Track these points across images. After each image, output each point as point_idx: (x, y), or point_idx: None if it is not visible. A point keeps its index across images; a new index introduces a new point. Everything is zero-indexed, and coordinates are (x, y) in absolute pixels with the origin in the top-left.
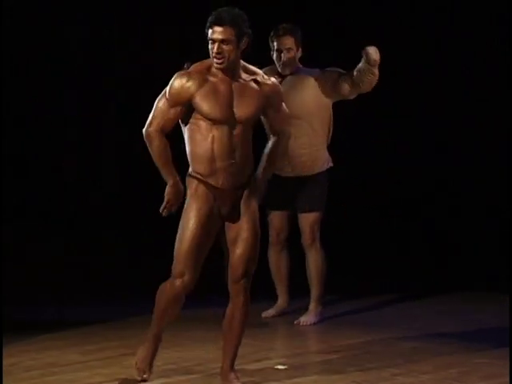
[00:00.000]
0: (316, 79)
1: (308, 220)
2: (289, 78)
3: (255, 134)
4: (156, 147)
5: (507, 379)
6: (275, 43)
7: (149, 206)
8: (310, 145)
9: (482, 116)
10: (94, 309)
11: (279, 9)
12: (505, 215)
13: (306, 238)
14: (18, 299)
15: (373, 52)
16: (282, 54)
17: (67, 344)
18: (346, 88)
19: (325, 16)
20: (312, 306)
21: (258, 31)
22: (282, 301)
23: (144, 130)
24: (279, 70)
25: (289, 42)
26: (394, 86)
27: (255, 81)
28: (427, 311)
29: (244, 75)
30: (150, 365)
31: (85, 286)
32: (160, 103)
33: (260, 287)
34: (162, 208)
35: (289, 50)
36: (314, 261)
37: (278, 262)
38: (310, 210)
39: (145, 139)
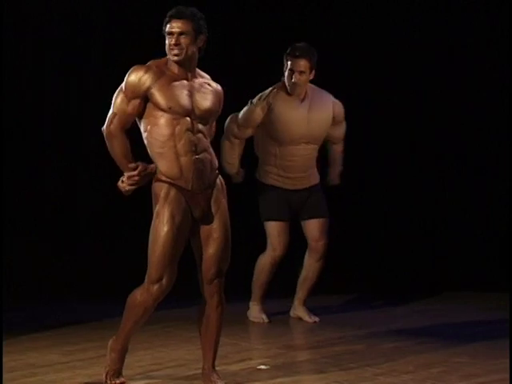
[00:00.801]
0: (332, 107)
1: (321, 225)
2: (311, 100)
3: None
4: (117, 145)
5: (487, 379)
6: (289, 62)
7: (148, 205)
8: (315, 158)
9: (482, 116)
10: (90, 308)
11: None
12: (505, 215)
13: (318, 243)
14: (18, 299)
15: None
16: (294, 75)
17: (48, 344)
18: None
19: (327, 16)
20: (302, 306)
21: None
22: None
23: (104, 127)
24: (288, 89)
25: (303, 64)
26: (396, 90)
27: (207, 83)
28: (409, 311)
29: (199, 76)
30: (120, 373)
31: (82, 285)
32: (118, 99)
33: (245, 287)
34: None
35: (301, 72)
36: (316, 265)
37: (269, 275)
38: (323, 216)
39: (105, 137)
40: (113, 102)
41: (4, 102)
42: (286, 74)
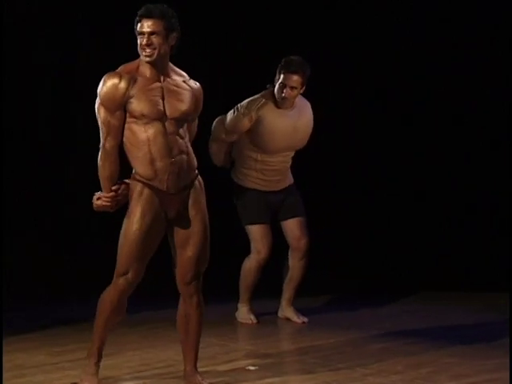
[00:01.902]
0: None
1: (301, 223)
2: (299, 109)
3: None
4: (109, 167)
5: (477, 379)
6: (282, 76)
7: None
8: (291, 160)
9: (484, 115)
10: (90, 308)
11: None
12: (504, 214)
13: (300, 242)
14: (18, 299)
15: None
16: (285, 90)
17: (36, 345)
18: None
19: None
20: (290, 307)
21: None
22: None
23: (101, 145)
24: (278, 101)
25: (295, 81)
26: (395, 89)
27: (184, 81)
28: (398, 311)
29: (173, 75)
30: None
31: (82, 285)
32: (102, 114)
33: (233, 288)
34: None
35: (292, 88)
36: (300, 264)
37: (255, 278)
38: (301, 215)
39: (101, 155)
40: (97, 117)
41: (4, 102)
42: (277, 86)
